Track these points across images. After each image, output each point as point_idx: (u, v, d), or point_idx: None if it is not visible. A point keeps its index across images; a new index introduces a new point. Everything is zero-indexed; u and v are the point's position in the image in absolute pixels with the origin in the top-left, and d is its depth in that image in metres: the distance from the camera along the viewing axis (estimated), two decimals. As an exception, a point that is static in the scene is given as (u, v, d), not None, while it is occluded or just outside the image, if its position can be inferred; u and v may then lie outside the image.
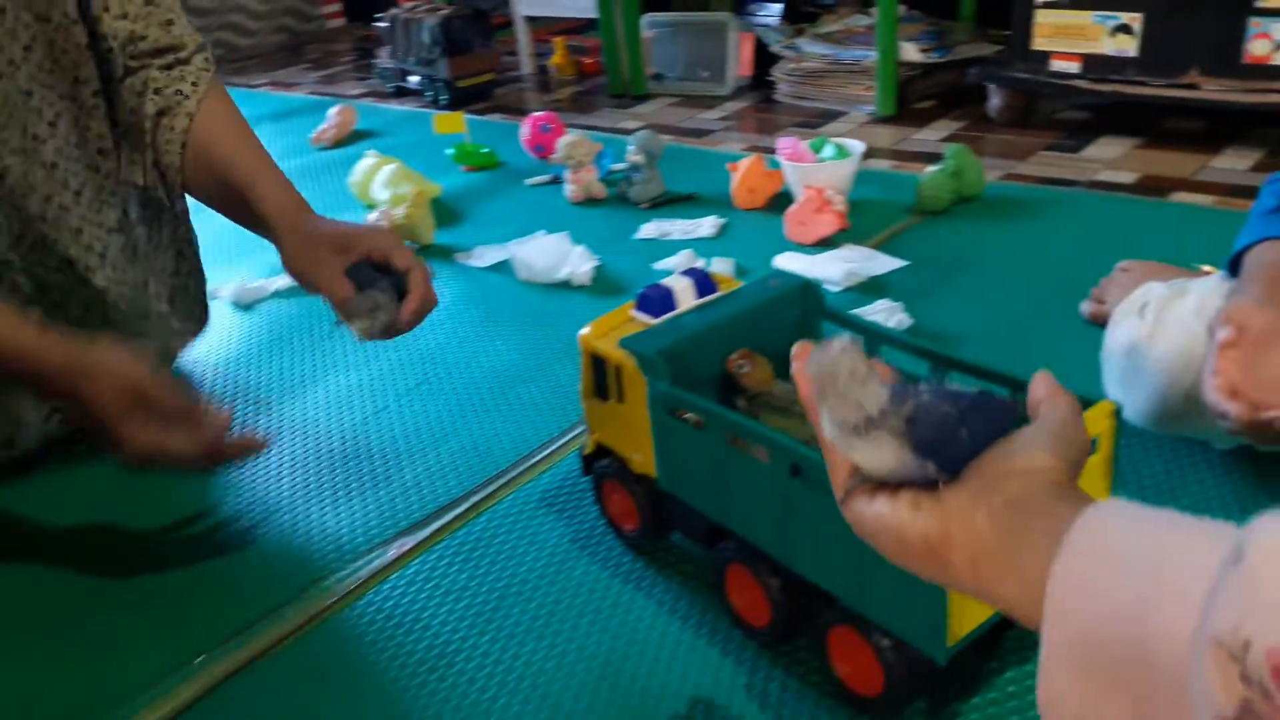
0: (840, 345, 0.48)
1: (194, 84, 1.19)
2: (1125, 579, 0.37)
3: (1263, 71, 1.85)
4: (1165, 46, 1.94)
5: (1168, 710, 0.36)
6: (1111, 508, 0.41)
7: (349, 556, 1.07)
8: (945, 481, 0.47)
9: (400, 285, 1.09)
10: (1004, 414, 0.49)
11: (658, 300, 0.95)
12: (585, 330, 0.96)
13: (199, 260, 1.42)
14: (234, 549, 1.10)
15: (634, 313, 0.97)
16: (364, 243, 1.08)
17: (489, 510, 1.11)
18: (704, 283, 0.97)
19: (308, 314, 1.65)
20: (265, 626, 0.98)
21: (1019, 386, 0.82)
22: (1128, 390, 1.03)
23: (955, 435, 0.46)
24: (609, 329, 0.96)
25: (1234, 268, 0.99)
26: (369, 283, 1.07)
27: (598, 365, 0.95)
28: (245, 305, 1.71)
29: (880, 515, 0.48)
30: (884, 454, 0.47)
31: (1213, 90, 1.90)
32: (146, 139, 1.18)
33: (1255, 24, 1.85)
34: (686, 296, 0.96)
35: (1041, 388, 0.51)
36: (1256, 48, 1.86)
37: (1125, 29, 1.97)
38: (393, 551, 1.07)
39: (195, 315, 1.43)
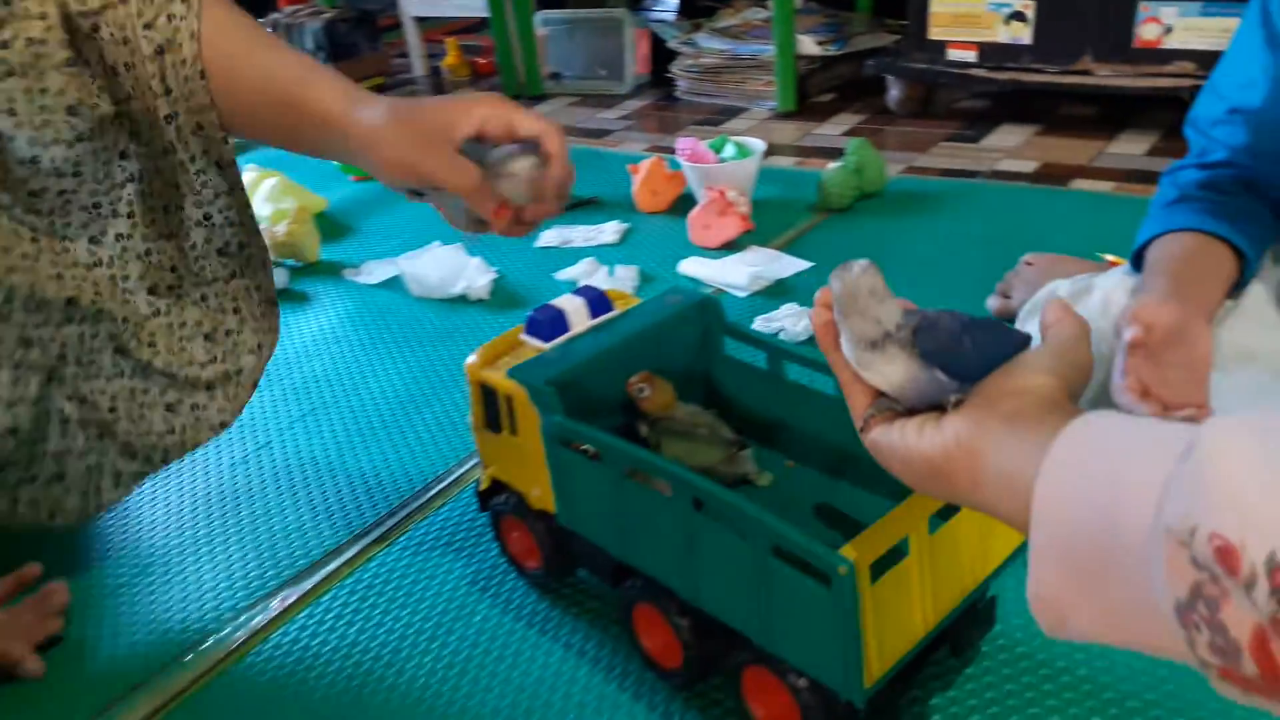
0: (861, 266, 0.52)
1: None
2: (1097, 478, 0.39)
3: (1153, 55, 1.86)
4: (1058, 33, 1.94)
5: (1135, 595, 0.38)
6: (1095, 417, 0.43)
7: (227, 615, 0.98)
8: (955, 393, 0.50)
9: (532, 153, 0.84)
10: (1011, 336, 0.52)
11: (548, 323, 0.88)
12: (472, 358, 0.89)
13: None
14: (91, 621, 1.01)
15: (524, 337, 0.90)
16: (474, 113, 0.81)
17: (381, 553, 1.04)
18: (598, 301, 0.91)
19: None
20: (133, 703, 0.89)
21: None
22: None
23: (960, 343, 0.50)
24: (498, 355, 0.89)
25: (1137, 262, 0.96)
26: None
27: (488, 396, 0.88)
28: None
29: (891, 441, 0.51)
30: (895, 367, 0.50)
31: (1106, 75, 1.90)
32: (155, 87, 0.81)
33: (1145, 8, 1.85)
34: (580, 317, 0.90)
35: (1051, 313, 0.53)
36: (1146, 32, 1.86)
37: (1019, 16, 1.96)
38: (275, 605, 0.98)
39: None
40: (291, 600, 0.99)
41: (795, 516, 0.83)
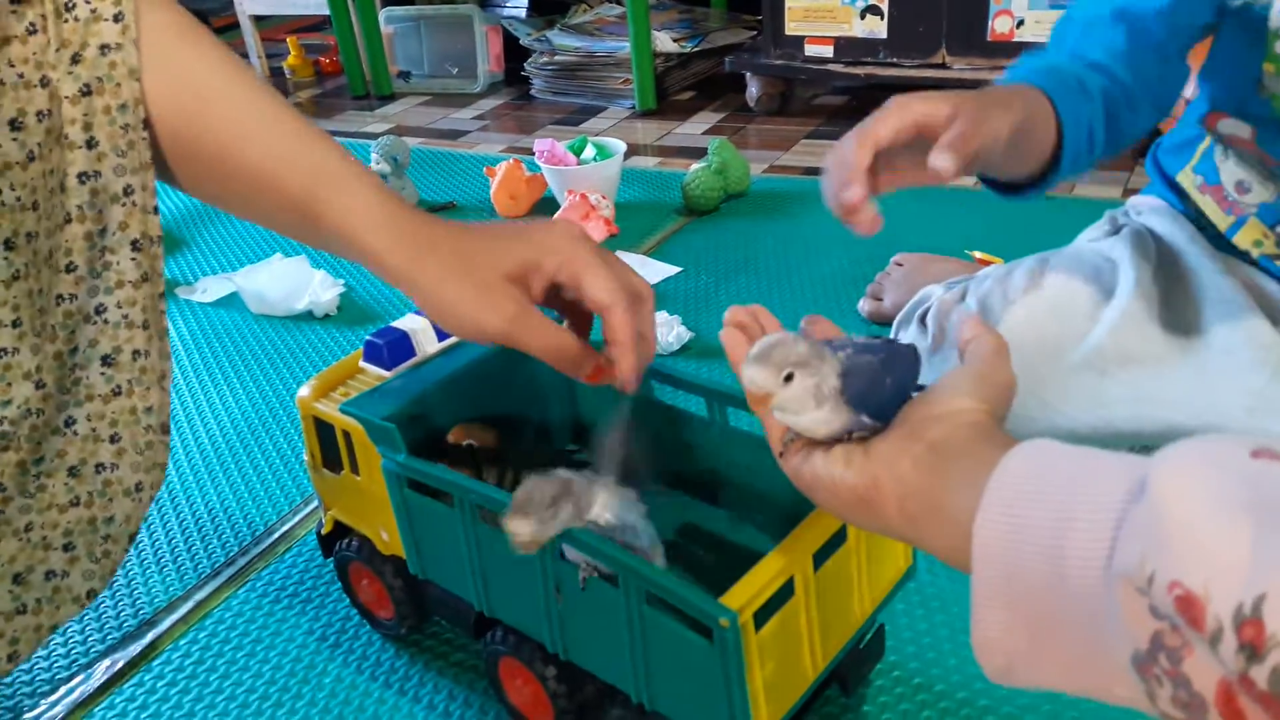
0: (773, 342, 0.48)
1: (116, 14, 0.62)
2: (1043, 512, 0.37)
3: (1007, 48, 1.87)
4: (914, 27, 1.94)
5: (1087, 643, 0.36)
6: (1032, 449, 0.40)
7: (43, 688, 0.86)
8: (875, 431, 0.47)
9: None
10: (913, 359, 0.50)
11: (389, 347, 0.79)
12: (304, 391, 0.80)
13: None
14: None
15: (363, 363, 0.81)
16: (545, 268, 0.62)
17: (219, 608, 0.93)
18: (447, 322, 0.83)
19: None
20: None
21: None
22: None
23: (881, 384, 0.47)
24: (334, 384, 0.80)
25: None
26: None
27: (324, 431, 0.79)
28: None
29: (815, 470, 0.48)
30: (822, 414, 0.47)
31: (962, 69, 1.91)
32: (74, 137, 0.62)
33: (996, 2, 1.86)
34: (426, 339, 0.81)
35: (968, 329, 0.50)
36: (999, 25, 1.88)
37: (874, 10, 1.95)
38: (100, 673, 0.87)
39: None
40: (119, 666, 0.88)
41: (669, 548, 0.77)
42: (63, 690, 0.86)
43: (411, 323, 0.82)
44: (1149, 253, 0.94)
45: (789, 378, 0.47)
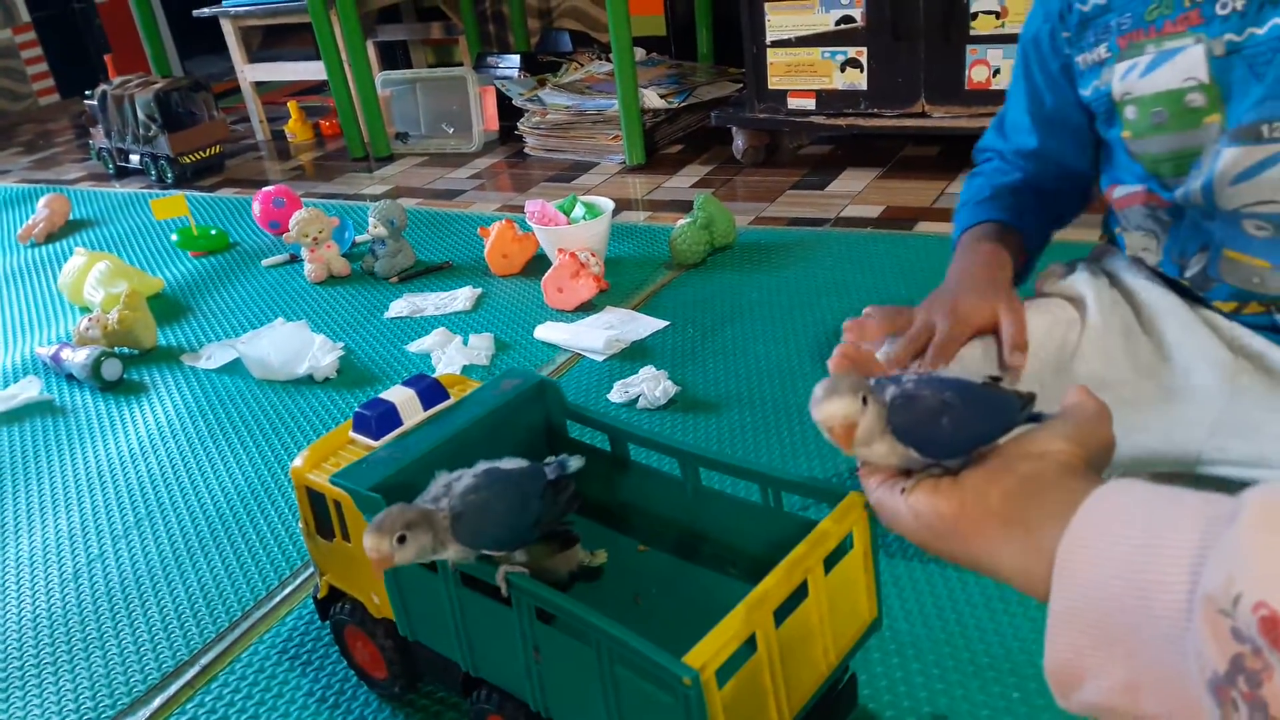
0: (832, 391, 0.49)
1: None
2: (1127, 544, 0.38)
3: (984, 96, 1.92)
4: (893, 79, 1.99)
5: (1163, 666, 0.36)
6: (1125, 484, 0.41)
7: (51, 756, 0.90)
8: (943, 466, 0.48)
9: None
10: (1006, 409, 0.50)
11: (377, 419, 0.84)
12: (298, 461, 0.84)
13: None
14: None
15: (352, 434, 0.85)
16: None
17: (223, 671, 0.97)
18: (431, 391, 0.87)
19: (10, 448, 1.44)
20: None
21: (771, 482, 0.76)
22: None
23: (934, 422, 0.48)
24: (326, 455, 0.84)
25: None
26: None
27: (316, 501, 0.83)
28: (-70, 445, 1.48)
29: (896, 500, 0.49)
30: (888, 449, 0.49)
31: (941, 117, 1.96)
32: None
33: (973, 51, 1.91)
34: (411, 409, 0.86)
35: (1073, 394, 0.52)
36: (976, 74, 1.93)
37: (854, 63, 2.01)
38: (108, 740, 0.91)
39: None
40: (127, 733, 0.91)
41: (651, 605, 0.80)
42: (73, 757, 0.90)
43: (398, 394, 0.86)
44: (1105, 286, 0.99)
45: (864, 402, 0.48)
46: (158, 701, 0.94)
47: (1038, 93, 1.00)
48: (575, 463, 0.75)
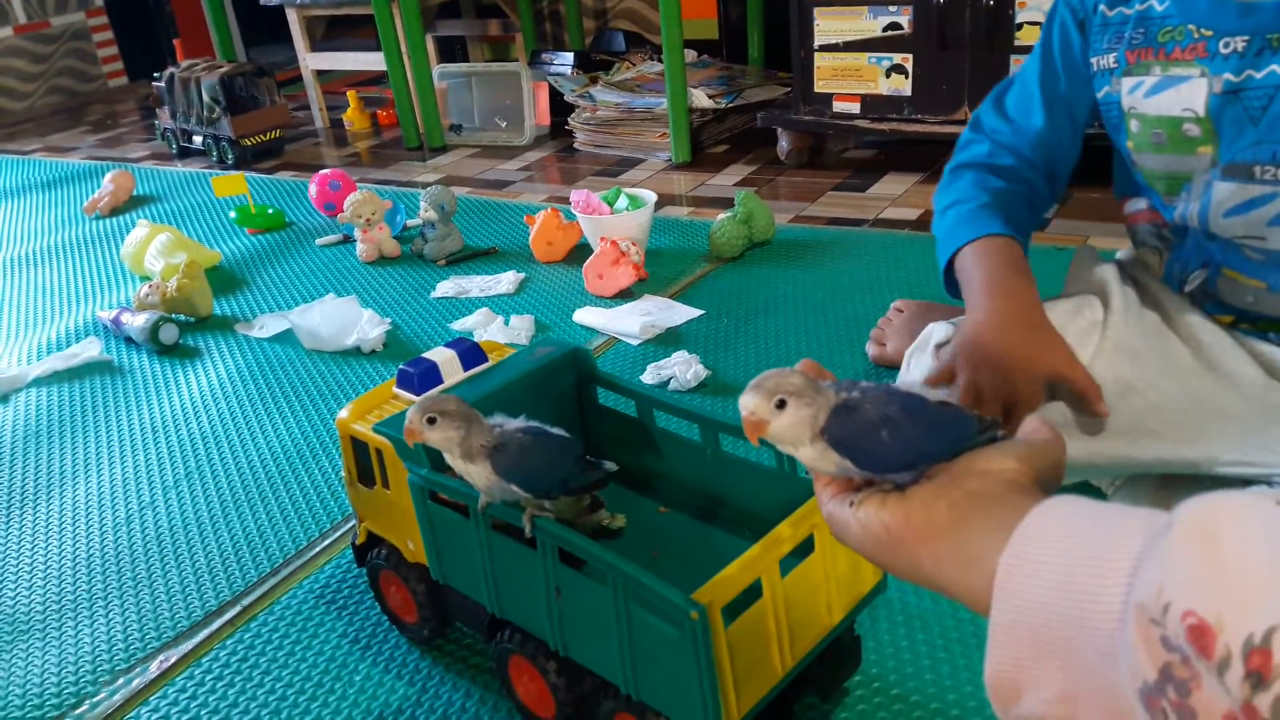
0: (771, 373, 0.49)
1: None
2: (1069, 554, 0.38)
3: (1026, 107, 1.94)
4: (937, 85, 2.02)
5: (1099, 677, 0.36)
6: (1069, 499, 0.41)
7: (104, 678, 0.96)
8: (892, 480, 0.48)
9: None
10: (957, 424, 0.50)
11: (420, 375, 0.89)
12: (343, 413, 0.89)
13: None
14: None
15: (396, 390, 0.91)
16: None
17: (263, 612, 1.02)
18: (470, 353, 0.92)
19: (71, 403, 1.52)
20: (-6, 775, 0.86)
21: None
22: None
23: (872, 435, 0.48)
24: (370, 409, 0.90)
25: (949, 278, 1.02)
26: None
27: (359, 450, 0.88)
28: (0, 396, 1.56)
29: (844, 512, 0.49)
30: (819, 455, 0.49)
31: (984, 126, 1.98)
32: None
33: (1016, 61, 1.94)
34: (452, 369, 0.91)
35: (1029, 424, 0.52)
36: (1019, 85, 1.95)
37: (899, 69, 2.04)
38: (154, 668, 0.97)
39: None
40: (171, 663, 0.97)
41: (668, 562, 0.85)
42: (120, 680, 0.96)
43: (440, 354, 0.91)
44: (1132, 285, 1.01)
45: (781, 404, 0.48)
46: (201, 635, 1.00)
47: (1054, 72, 1.00)
48: (611, 466, 0.79)
